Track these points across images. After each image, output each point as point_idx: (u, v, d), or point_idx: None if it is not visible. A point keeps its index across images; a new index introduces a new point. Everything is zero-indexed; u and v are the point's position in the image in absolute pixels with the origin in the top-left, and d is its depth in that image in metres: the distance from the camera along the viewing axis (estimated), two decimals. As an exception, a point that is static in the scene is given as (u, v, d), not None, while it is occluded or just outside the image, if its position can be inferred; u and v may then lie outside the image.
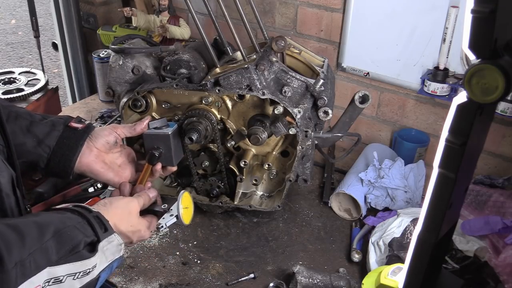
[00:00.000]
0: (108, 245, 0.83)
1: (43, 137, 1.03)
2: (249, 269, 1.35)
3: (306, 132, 1.28)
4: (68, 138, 1.05)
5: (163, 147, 1.19)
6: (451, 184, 0.61)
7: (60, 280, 0.73)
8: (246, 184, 1.45)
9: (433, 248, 0.66)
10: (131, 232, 0.94)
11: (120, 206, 0.94)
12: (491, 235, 1.23)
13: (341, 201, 1.59)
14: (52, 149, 1.03)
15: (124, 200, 0.97)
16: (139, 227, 0.96)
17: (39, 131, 1.03)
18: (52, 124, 1.06)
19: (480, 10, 0.51)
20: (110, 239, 0.84)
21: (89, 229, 0.81)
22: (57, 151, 1.04)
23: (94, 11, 2.34)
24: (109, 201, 0.94)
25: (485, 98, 0.54)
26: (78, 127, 1.08)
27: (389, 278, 1.16)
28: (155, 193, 1.05)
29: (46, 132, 1.04)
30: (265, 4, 1.91)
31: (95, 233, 0.81)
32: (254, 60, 1.28)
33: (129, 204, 0.96)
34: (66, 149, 1.04)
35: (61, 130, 1.05)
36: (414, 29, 1.62)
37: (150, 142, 1.21)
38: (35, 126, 1.03)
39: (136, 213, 0.97)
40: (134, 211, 0.96)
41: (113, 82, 1.38)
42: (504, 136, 1.59)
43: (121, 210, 0.93)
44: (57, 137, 1.04)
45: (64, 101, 3.03)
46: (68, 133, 1.06)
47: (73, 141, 1.05)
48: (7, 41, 5.16)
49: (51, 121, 1.07)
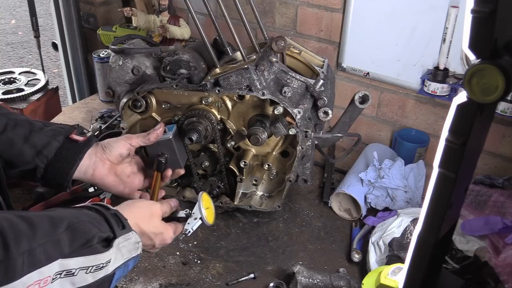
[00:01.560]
0: (125, 242, 0.82)
1: (42, 147, 1.00)
2: (249, 269, 1.35)
3: (306, 132, 1.28)
4: (67, 150, 1.02)
5: (167, 152, 1.18)
6: (451, 184, 0.61)
7: (72, 273, 0.73)
8: (246, 184, 1.45)
9: (433, 248, 0.66)
10: (154, 233, 0.94)
11: (143, 206, 0.95)
12: (491, 235, 1.23)
13: (341, 201, 1.59)
14: (50, 161, 1.00)
15: (146, 202, 0.98)
16: (162, 230, 0.96)
17: (38, 141, 1.00)
18: (53, 134, 1.03)
19: (480, 10, 0.51)
20: (127, 236, 0.83)
21: (105, 225, 0.81)
22: (54, 163, 1.01)
23: (94, 11, 2.34)
24: (132, 202, 0.95)
25: (485, 98, 0.54)
26: (79, 140, 1.05)
27: (389, 278, 1.16)
28: (177, 203, 1.04)
29: (45, 142, 1.01)
30: (265, 4, 1.91)
31: (111, 229, 0.81)
32: (254, 60, 1.28)
33: (152, 206, 0.96)
34: (64, 162, 1.02)
35: (61, 141, 1.02)
36: (414, 29, 1.62)
37: (153, 150, 1.19)
38: (34, 135, 1.00)
39: (158, 216, 0.96)
40: (156, 214, 0.96)
41: (113, 83, 1.38)
42: (504, 136, 1.59)
43: (143, 210, 0.94)
44: (56, 149, 1.01)
45: (64, 101, 3.03)
46: (68, 145, 1.03)
47: (72, 154, 1.03)
48: (7, 41, 5.16)
49: (51, 131, 1.04)
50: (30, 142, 0.99)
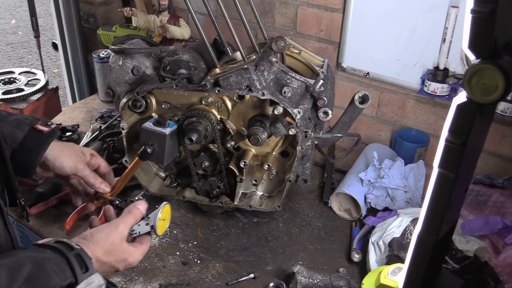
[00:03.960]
0: (87, 287, 0.80)
1: (6, 136, 0.99)
2: (249, 269, 1.35)
3: (306, 132, 1.28)
4: (32, 140, 1.02)
5: (157, 145, 1.18)
6: (451, 184, 0.61)
7: None
8: (246, 185, 1.45)
9: (433, 248, 0.66)
10: (116, 262, 0.92)
11: (102, 239, 0.91)
12: (491, 235, 1.23)
13: (341, 201, 1.59)
14: (14, 150, 1.00)
15: (105, 231, 0.93)
16: (124, 256, 0.94)
17: (3, 130, 1.00)
18: (17, 124, 1.02)
19: (480, 10, 0.51)
20: (90, 280, 0.81)
21: (67, 271, 0.78)
22: (19, 152, 1.01)
23: (94, 11, 2.34)
24: (90, 234, 0.91)
25: (485, 98, 0.54)
26: (44, 130, 1.05)
27: (389, 278, 1.16)
28: (145, 205, 1.02)
29: (10, 132, 1.01)
30: (265, 4, 1.91)
31: (73, 275, 0.78)
32: (253, 60, 1.28)
33: (111, 234, 0.93)
34: (28, 152, 1.02)
35: (26, 131, 1.02)
36: (414, 29, 1.62)
37: (146, 137, 1.20)
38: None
39: (119, 242, 0.94)
40: (117, 240, 0.93)
41: (113, 83, 1.38)
42: (504, 136, 1.59)
43: (102, 242, 0.90)
44: (20, 138, 1.01)
45: (64, 101, 3.03)
46: (33, 135, 1.03)
47: (37, 143, 1.03)
48: (7, 41, 5.17)
49: (15, 120, 1.03)
50: None
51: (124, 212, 0.99)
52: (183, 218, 1.53)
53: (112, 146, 1.70)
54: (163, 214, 1.03)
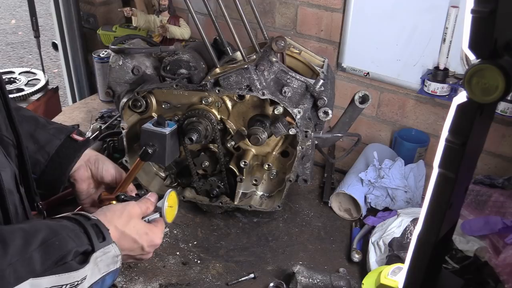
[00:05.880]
0: (103, 256, 0.80)
1: (44, 143, 1.04)
2: (249, 269, 1.35)
3: (306, 132, 1.28)
4: (67, 148, 1.07)
5: (158, 145, 1.19)
6: (451, 184, 0.61)
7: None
8: (246, 184, 1.45)
9: (433, 248, 0.66)
10: (138, 235, 0.92)
11: (118, 209, 0.92)
12: (491, 235, 1.23)
13: (341, 201, 1.59)
14: (51, 157, 1.04)
15: (119, 204, 0.95)
16: (146, 230, 0.94)
17: (42, 137, 1.05)
18: (55, 132, 1.08)
19: (480, 10, 0.51)
20: (106, 250, 0.81)
21: (83, 238, 0.79)
22: (55, 159, 1.05)
23: (94, 11, 2.34)
24: (107, 208, 0.93)
25: (485, 98, 0.54)
26: (79, 139, 1.11)
27: (389, 278, 1.16)
28: (156, 196, 1.04)
29: (48, 139, 1.06)
30: (265, 4, 1.91)
31: (90, 242, 0.79)
32: (254, 60, 1.28)
33: (126, 207, 0.94)
34: (63, 158, 1.06)
35: (62, 140, 1.07)
36: (414, 29, 1.62)
37: (146, 137, 1.21)
38: (39, 132, 1.05)
39: (137, 216, 0.95)
40: (134, 214, 0.94)
41: (113, 83, 1.38)
42: (504, 136, 1.59)
43: (119, 213, 0.91)
44: (57, 146, 1.06)
45: (64, 101, 3.03)
46: (69, 143, 1.08)
47: (71, 151, 1.07)
48: (7, 41, 5.17)
49: (54, 129, 1.09)
50: (34, 138, 1.04)
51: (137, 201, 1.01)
52: (183, 218, 1.53)
53: (112, 146, 1.70)
54: (170, 201, 1.04)
